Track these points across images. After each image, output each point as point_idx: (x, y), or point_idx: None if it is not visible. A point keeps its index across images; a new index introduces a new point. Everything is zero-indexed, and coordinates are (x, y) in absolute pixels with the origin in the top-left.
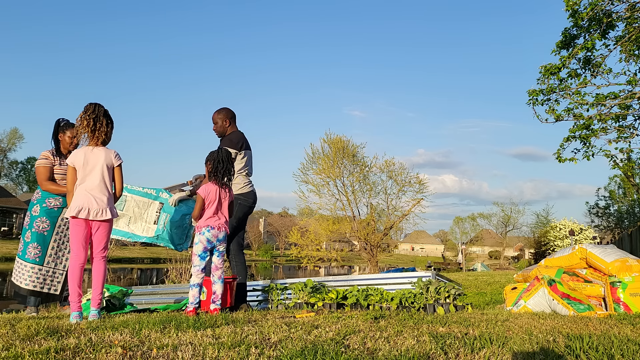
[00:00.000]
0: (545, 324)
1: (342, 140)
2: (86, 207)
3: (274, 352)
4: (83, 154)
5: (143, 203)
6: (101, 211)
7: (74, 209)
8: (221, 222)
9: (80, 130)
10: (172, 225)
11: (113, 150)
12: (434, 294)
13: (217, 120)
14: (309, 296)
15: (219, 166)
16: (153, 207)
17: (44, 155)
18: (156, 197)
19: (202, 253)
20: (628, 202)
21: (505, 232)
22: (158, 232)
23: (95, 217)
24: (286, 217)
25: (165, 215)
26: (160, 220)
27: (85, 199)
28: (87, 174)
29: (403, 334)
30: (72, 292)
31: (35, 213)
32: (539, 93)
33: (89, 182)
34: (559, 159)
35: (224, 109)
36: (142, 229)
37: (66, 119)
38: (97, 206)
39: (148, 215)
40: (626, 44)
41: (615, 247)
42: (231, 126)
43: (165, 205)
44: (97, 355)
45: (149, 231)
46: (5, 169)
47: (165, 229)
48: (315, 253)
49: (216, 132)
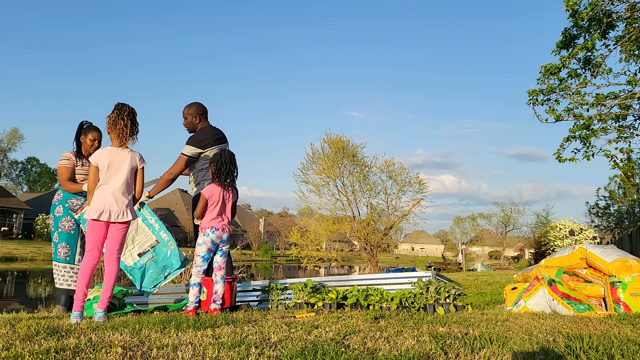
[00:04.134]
0: (545, 324)
1: (342, 140)
2: (107, 209)
3: (274, 352)
4: (108, 154)
5: (142, 230)
6: (122, 213)
7: (95, 212)
8: (225, 223)
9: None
10: (152, 267)
11: (137, 153)
12: (434, 294)
13: (187, 115)
14: (309, 296)
15: (222, 167)
16: (148, 240)
17: (66, 157)
18: (157, 233)
19: (205, 254)
20: (628, 202)
21: (505, 232)
22: (136, 265)
23: (116, 219)
24: (286, 217)
25: (152, 255)
26: (145, 257)
27: (107, 201)
28: (112, 175)
29: (403, 334)
30: (79, 291)
31: (58, 214)
32: (539, 93)
33: (113, 183)
34: (559, 159)
35: (194, 104)
36: (124, 251)
37: (89, 122)
38: (118, 208)
39: (139, 244)
40: (626, 44)
41: (615, 247)
42: (201, 122)
43: (159, 246)
44: (97, 355)
45: (128, 258)
46: (5, 169)
47: (145, 267)
48: (315, 253)
49: (186, 127)
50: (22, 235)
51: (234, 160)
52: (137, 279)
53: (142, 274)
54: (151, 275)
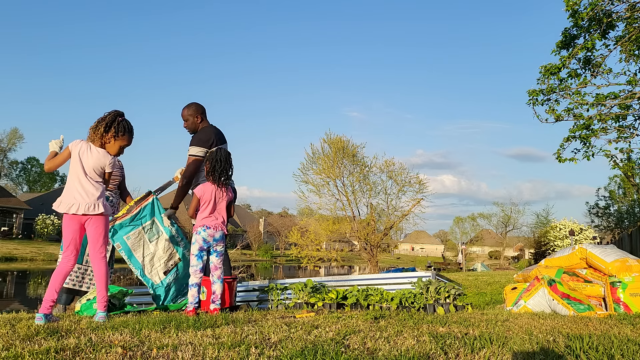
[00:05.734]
0: (545, 324)
1: (342, 140)
2: (77, 202)
3: (274, 352)
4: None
5: (168, 248)
6: (93, 206)
7: (65, 205)
8: (218, 222)
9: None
10: (175, 286)
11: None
12: (434, 294)
13: (188, 117)
14: (309, 296)
15: (217, 166)
16: (173, 257)
17: None
18: (181, 251)
19: (198, 253)
20: (628, 202)
21: (505, 232)
22: (162, 283)
23: (86, 211)
24: (286, 217)
25: (176, 274)
26: (170, 275)
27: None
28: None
29: (403, 334)
30: (48, 293)
31: None
32: (539, 93)
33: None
34: (559, 159)
35: (193, 104)
36: (150, 269)
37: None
38: (88, 200)
39: (164, 262)
40: (626, 44)
41: (615, 247)
42: (203, 122)
43: (181, 264)
44: (97, 355)
45: (154, 277)
46: (5, 169)
47: (170, 285)
48: (315, 253)
49: (187, 129)
50: (22, 235)
51: (229, 158)
52: (162, 296)
53: (166, 292)
54: (172, 293)
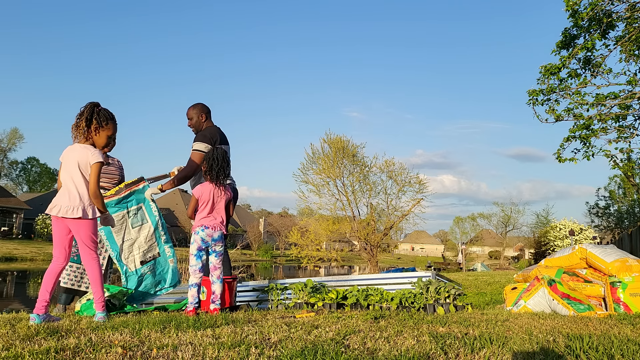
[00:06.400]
0: (545, 324)
1: (342, 140)
2: (59, 204)
3: (274, 352)
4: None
5: (150, 239)
6: (72, 209)
7: (49, 207)
8: (216, 222)
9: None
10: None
11: (91, 147)
12: (434, 294)
13: (193, 115)
14: (309, 296)
15: (214, 164)
16: (151, 250)
17: None
18: (162, 246)
19: (197, 252)
20: (628, 202)
21: (505, 232)
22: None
23: (65, 214)
24: (286, 217)
25: (152, 267)
26: (146, 267)
27: (59, 196)
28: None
29: (403, 334)
30: (41, 293)
31: None
32: (539, 93)
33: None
34: (559, 159)
35: (198, 104)
36: (127, 255)
37: None
38: (69, 203)
39: (143, 252)
40: (626, 44)
41: (615, 247)
42: (207, 121)
43: (160, 259)
44: (97, 355)
45: (130, 263)
46: (5, 169)
47: (143, 276)
48: (315, 253)
49: (192, 127)
50: (22, 235)
51: (226, 158)
52: (132, 285)
53: (139, 282)
54: (145, 286)
